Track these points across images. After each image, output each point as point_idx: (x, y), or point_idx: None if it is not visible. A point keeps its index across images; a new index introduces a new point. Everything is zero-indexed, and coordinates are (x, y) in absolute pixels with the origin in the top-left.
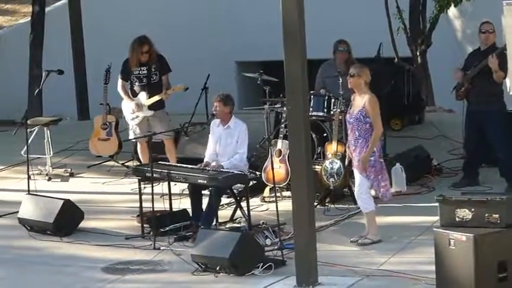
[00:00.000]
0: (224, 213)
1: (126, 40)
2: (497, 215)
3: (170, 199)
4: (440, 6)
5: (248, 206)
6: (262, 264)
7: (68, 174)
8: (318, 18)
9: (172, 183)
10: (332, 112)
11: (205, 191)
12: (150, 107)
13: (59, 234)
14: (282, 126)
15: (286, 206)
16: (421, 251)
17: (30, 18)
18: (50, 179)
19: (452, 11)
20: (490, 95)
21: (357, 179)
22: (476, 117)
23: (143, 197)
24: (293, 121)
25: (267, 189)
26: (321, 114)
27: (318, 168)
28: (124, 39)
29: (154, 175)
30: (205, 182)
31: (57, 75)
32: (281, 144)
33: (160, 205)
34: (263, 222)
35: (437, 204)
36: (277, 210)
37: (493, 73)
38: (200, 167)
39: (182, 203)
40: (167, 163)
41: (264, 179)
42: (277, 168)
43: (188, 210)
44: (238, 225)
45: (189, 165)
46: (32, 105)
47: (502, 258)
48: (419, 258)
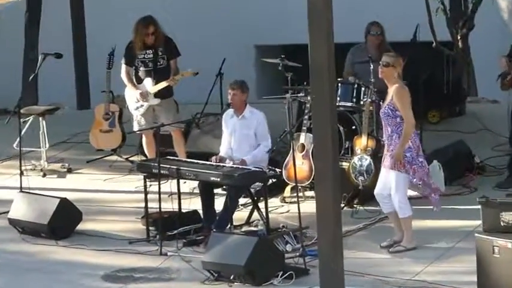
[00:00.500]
0: (240, 215)
1: (133, 20)
2: None
3: (179, 198)
4: None
5: (266, 207)
6: (282, 272)
7: (65, 170)
8: None
9: (181, 181)
10: (362, 102)
11: (218, 190)
12: (157, 95)
13: (54, 237)
14: (306, 117)
15: (309, 207)
16: (461, 260)
17: None
18: (45, 175)
19: None
20: None
21: (392, 180)
22: None
23: (149, 196)
24: (318, 112)
25: (288, 189)
26: (349, 104)
27: (345, 165)
28: (130, 19)
29: (162, 171)
30: (219, 179)
31: (55, 59)
32: (304, 138)
33: (168, 205)
34: (283, 226)
35: (479, 206)
36: (299, 212)
37: None
38: (213, 163)
39: (192, 203)
40: (176, 158)
41: (285, 177)
42: (300, 164)
43: (199, 212)
44: (255, 228)
45: (201, 161)
46: (26, 92)
47: None
48: (458, 267)
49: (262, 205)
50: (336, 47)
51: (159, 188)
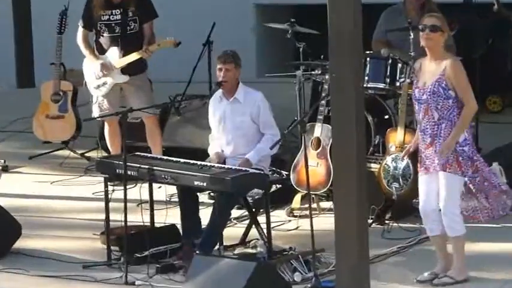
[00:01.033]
0: (232, 232)
1: None
2: None
3: (152, 209)
4: None
5: (268, 222)
6: None
7: (0, 168)
8: None
9: (155, 186)
10: (398, 84)
11: (204, 198)
12: (125, 70)
13: None
14: (323, 103)
15: (325, 223)
16: None
17: None
18: None
19: None
20: None
21: (442, 185)
22: None
23: (111, 204)
24: (339, 96)
25: (298, 198)
26: (381, 85)
27: (374, 167)
28: None
29: (129, 172)
30: (205, 184)
31: None
32: (320, 130)
33: (137, 218)
34: (290, 248)
35: None
36: (311, 230)
37: None
38: (200, 162)
39: (170, 216)
40: (148, 155)
41: (294, 182)
42: (314, 166)
43: (178, 227)
44: (253, 250)
45: (181, 159)
46: None
47: None
48: None
49: (262, 219)
50: (364, 8)
51: (125, 195)
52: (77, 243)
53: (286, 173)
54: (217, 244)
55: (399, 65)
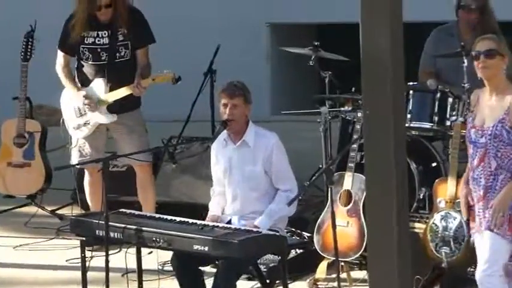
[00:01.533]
0: None
1: None
2: None
3: (140, 280)
4: None
5: None
6: None
7: None
8: None
9: (144, 251)
10: (449, 123)
11: (208, 267)
12: (112, 107)
13: None
14: (354, 147)
15: None
16: None
17: None
18: None
19: None
20: None
21: (485, 244)
22: None
23: (90, 275)
24: (375, 138)
25: (324, 266)
26: (427, 125)
27: (419, 227)
28: None
29: (112, 234)
30: (207, 249)
31: None
32: (351, 181)
33: None
34: None
35: None
36: None
37: None
38: (198, 222)
39: None
40: (136, 212)
41: (318, 247)
42: (343, 226)
43: None
44: None
45: (177, 218)
46: None
47: None
48: None
49: None
50: (406, 29)
51: (107, 262)
52: None
53: (309, 234)
54: None
55: (450, 99)
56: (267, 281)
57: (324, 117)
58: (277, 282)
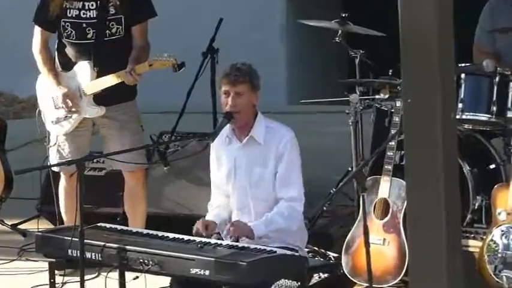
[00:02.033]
0: None
1: None
2: None
3: None
4: None
5: None
6: None
7: None
8: None
9: (129, 275)
10: (511, 114)
11: None
12: (100, 98)
13: None
14: (392, 144)
15: None
16: None
17: None
18: None
19: None
20: None
21: None
22: None
23: None
24: (418, 134)
25: None
26: (483, 118)
27: (474, 245)
28: None
29: (89, 254)
30: (208, 273)
31: None
32: (388, 188)
33: None
34: None
35: None
36: None
37: None
38: (196, 238)
39: None
40: (118, 227)
41: (347, 270)
42: (379, 244)
43: None
44: None
45: (170, 234)
46: None
47: None
48: None
49: None
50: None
51: None
52: None
53: (335, 255)
54: None
55: None
56: None
57: (354, 107)
58: None
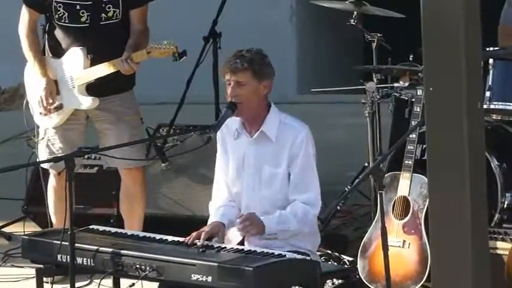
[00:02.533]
0: None
1: None
2: None
3: None
4: None
5: None
6: None
7: None
8: None
9: (124, 283)
10: None
11: None
12: (93, 89)
13: None
14: (413, 137)
15: None
16: None
17: None
18: None
19: None
20: None
21: None
22: None
23: None
24: (441, 125)
25: None
26: None
27: (502, 248)
28: None
29: (80, 260)
30: (211, 279)
31: None
32: (408, 185)
33: None
34: None
35: None
36: None
37: None
38: (197, 241)
39: None
40: (113, 230)
41: (364, 275)
42: (398, 246)
43: None
44: None
45: (169, 237)
46: None
47: None
48: None
49: None
50: None
51: None
52: None
53: (350, 258)
54: None
55: None
56: None
57: (371, 96)
58: None
